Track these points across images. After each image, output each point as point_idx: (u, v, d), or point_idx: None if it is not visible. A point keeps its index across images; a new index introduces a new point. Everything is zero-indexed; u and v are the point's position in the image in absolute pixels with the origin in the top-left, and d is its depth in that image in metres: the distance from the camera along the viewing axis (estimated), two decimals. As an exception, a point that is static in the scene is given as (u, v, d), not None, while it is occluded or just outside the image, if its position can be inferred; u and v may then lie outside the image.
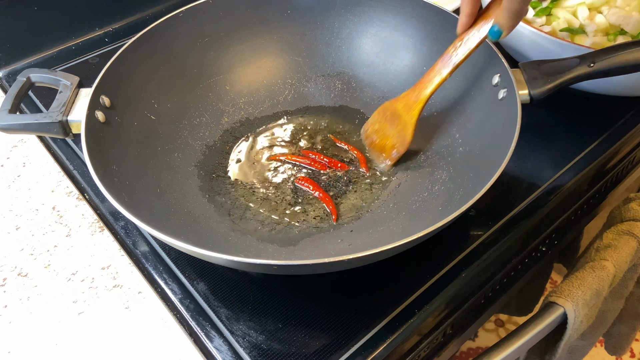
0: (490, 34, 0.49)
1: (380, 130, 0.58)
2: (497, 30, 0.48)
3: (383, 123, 0.58)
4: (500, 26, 0.48)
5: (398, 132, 0.57)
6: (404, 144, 0.57)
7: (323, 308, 0.48)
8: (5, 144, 0.65)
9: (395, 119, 0.57)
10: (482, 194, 0.43)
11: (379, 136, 0.58)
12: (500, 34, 0.48)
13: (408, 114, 0.56)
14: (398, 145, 0.57)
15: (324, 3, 0.67)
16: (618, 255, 0.63)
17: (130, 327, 0.48)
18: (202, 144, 0.62)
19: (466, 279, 0.50)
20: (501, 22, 0.47)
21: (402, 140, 0.57)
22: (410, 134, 0.56)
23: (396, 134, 0.57)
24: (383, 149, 0.58)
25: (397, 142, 0.57)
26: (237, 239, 0.53)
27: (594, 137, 0.63)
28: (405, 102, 0.56)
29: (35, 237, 0.55)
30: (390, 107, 0.58)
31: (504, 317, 1.29)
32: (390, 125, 0.57)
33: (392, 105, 0.58)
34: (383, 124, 0.58)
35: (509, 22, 0.47)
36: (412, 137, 0.56)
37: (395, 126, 0.57)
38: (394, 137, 0.57)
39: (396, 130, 0.57)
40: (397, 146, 0.57)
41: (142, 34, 0.58)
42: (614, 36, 0.66)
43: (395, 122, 0.57)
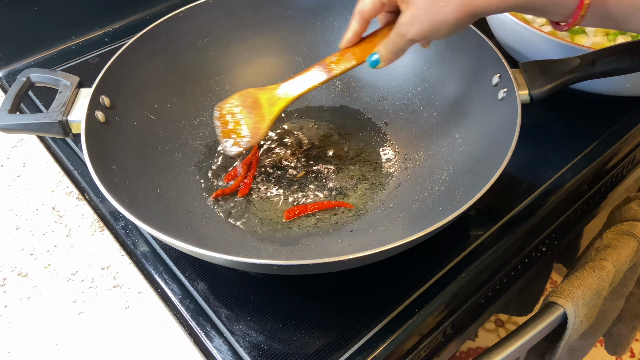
0: (369, 62, 0.50)
1: (236, 115, 0.56)
2: (375, 60, 0.49)
3: (241, 108, 0.55)
4: (380, 57, 0.49)
5: (254, 122, 0.54)
6: (256, 135, 0.54)
7: (323, 308, 0.48)
8: (5, 144, 0.65)
9: (255, 109, 0.55)
10: (482, 194, 0.43)
11: (234, 120, 0.55)
12: (377, 63, 0.49)
13: (269, 109, 0.54)
14: (251, 135, 0.55)
15: (324, 3, 0.67)
16: (618, 255, 0.63)
17: (130, 327, 0.48)
18: (202, 144, 0.62)
19: (466, 279, 0.50)
20: (382, 54, 0.49)
21: (256, 132, 0.54)
22: (266, 127, 0.54)
23: (252, 123, 0.55)
24: (235, 134, 0.55)
25: (251, 132, 0.55)
26: (237, 239, 0.53)
27: (594, 137, 0.63)
28: (270, 95, 0.54)
29: (35, 237, 0.55)
30: (252, 95, 0.55)
31: (504, 317, 1.29)
32: (248, 112, 0.55)
33: (255, 93, 0.55)
34: (241, 110, 0.55)
35: (389, 55, 0.48)
36: (267, 131, 0.54)
37: (253, 116, 0.55)
38: (249, 125, 0.55)
39: (252, 120, 0.55)
40: (250, 136, 0.55)
41: (142, 34, 0.58)
42: (614, 36, 0.66)
43: (254, 111, 0.55)
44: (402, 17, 0.45)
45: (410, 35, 0.45)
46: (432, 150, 0.59)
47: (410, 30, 0.45)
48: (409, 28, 0.45)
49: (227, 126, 0.56)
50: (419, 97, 0.64)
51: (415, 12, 0.44)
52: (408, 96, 0.64)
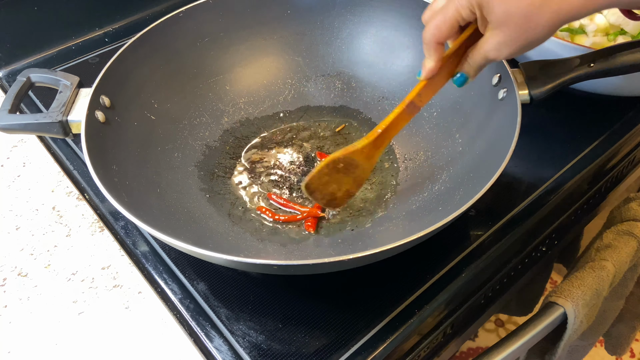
0: (457, 81, 0.47)
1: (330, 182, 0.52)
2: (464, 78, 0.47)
3: (334, 175, 0.51)
4: (467, 74, 0.47)
5: (354, 178, 0.52)
6: (359, 185, 0.53)
7: (323, 308, 0.48)
8: (5, 144, 0.65)
9: (352, 169, 0.51)
10: (482, 194, 0.43)
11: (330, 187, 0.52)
12: (465, 81, 0.47)
13: (368, 162, 0.51)
14: (353, 188, 0.53)
15: (324, 3, 0.67)
16: (618, 255, 0.63)
17: (130, 327, 0.48)
18: (202, 144, 0.62)
19: (466, 279, 0.50)
20: (469, 72, 0.47)
21: (359, 183, 0.53)
22: (368, 174, 0.52)
23: (351, 181, 0.52)
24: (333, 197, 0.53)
25: (352, 186, 0.52)
26: (237, 239, 0.53)
27: (594, 137, 0.63)
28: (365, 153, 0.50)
29: (35, 237, 0.55)
30: (343, 161, 0.50)
31: (504, 317, 1.29)
32: (344, 175, 0.51)
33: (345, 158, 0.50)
34: (335, 176, 0.51)
35: (476, 72, 0.46)
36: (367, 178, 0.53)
37: (351, 174, 0.52)
38: (349, 183, 0.52)
39: (352, 177, 0.52)
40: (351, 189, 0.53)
41: (142, 34, 0.58)
42: (614, 36, 0.66)
43: (351, 171, 0.51)
44: (488, 43, 0.42)
45: (500, 57, 0.43)
46: (432, 150, 0.59)
47: (500, 55, 0.43)
48: (498, 53, 0.43)
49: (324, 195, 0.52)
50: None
51: (503, 38, 0.41)
52: (408, 96, 0.64)
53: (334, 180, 0.52)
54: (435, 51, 0.45)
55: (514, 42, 0.41)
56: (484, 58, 0.44)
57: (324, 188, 0.52)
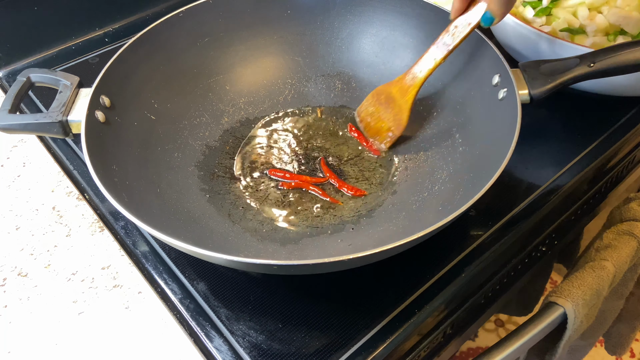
0: (483, 20, 0.49)
1: (375, 114, 0.58)
2: (489, 16, 0.49)
3: (377, 106, 0.58)
4: (492, 12, 0.48)
5: (393, 115, 0.57)
6: (399, 127, 0.57)
7: (323, 308, 0.48)
8: (5, 144, 0.65)
9: (390, 103, 0.57)
10: (482, 194, 0.43)
11: (374, 119, 0.59)
12: (492, 20, 0.49)
13: (403, 98, 0.56)
14: (394, 128, 0.58)
15: (324, 3, 0.67)
16: (618, 255, 0.63)
17: (130, 327, 0.48)
18: (202, 144, 0.62)
19: (466, 279, 0.50)
20: (493, 9, 0.48)
21: (398, 124, 0.57)
22: (405, 117, 0.57)
23: (391, 117, 0.57)
24: (379, 132, 0.59)
25: (393, 125, 0.58)
26: (237, 239, 0.53)
27: (594, 137, 0.63)
28: (399, 86, 0.57)
29: (35, 237, 0.55)
30: (384, 91, 0.58)
31: (504, 317, 1.29)
32: (385, 108, 0.57)
33: (386, 89, 0.58)
34: (377, 107, 0.58)
35: (501, 8, 0.48)
36: (407, 120, 0.57)
37: (391, 109, 0.57)
38: (390, 120, 0.58)
39: (391, 113, 0.57)
40: (393, 129, 0.58)
41: (142, 34, 0.58)
42: (614, 36, 0.66)
43: (390, 105, 0.57)
44: None
45: None
46: (432, 150, 0.59)
47: None
48: None
49: (370, 127, 0.59)
50: (419, 97, 0.63)
51: None
52: (408, 96, 0.64)
53: (377, 113, 0.58)
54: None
55: None
56: None
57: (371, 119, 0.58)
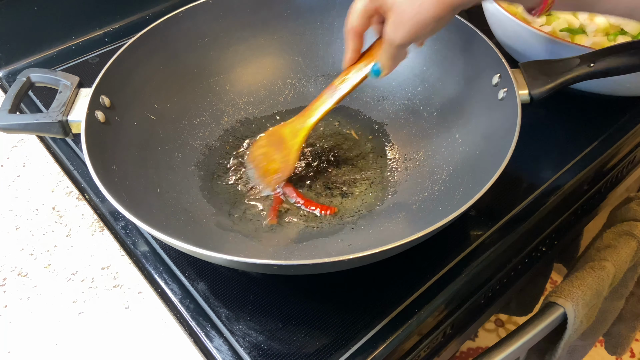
0: (373, 72, 0.51)
1: (266, 154, 0.58)
2: (377, 69, 0.50)
3: (269, 147, 0.58)
4: (381, 66, 0.50)
5: (282, 157, 0.56)
6: (287, 168, 0.56)
7: (323, 308, 0.48)
8: (5, 144, 0.65)
9: (280, 144, 0.57)
10: (482, 194, 0.43)
11: (264, 159, 0.58)
12: (380, 72, 0.50)
13: (293, 140, 0.56)
14: (282, 169, 0.57)
15: (324, 3, 0.67)
16: (618, 255, 0.63)
17: (130, 327, 0.48)
18: (202, 144, 0.62)
19: (466, 279, 0.50)
20: (382, 62, 0.49)
21: (286, 165, 0.56)
22: (293, 159, 0.56)
23: (280, 159, 0.57)
24: (267, 172, 0.58)
25: (281, 166, 0.57)
26: (237, 239, 0.53)
27: (594, 137, 0.63)
28: (291, 128, 0.56)
29: (35, 237, 0.55)
30: (277, 132, 0.58)
31: (504, 317, 1.29)
32: (276, 149, 0.57)
33: (279, 130, 0.57)
34: (269, 149, 0.58)
35: (387, 62, 0.49)
36: (295, 162, 0.56)
37: (281, 151, 0.57)
38: (279, 161, 0.57)
39: (281, 155, 0.56)
40: (281, 170, 0.57)
41: (142, 34, 0.58)
42: (614, 36, 0.66)
43: (280, 146, 0.57)
44: (387, 26, 0.45)
45: (397, 40, 0.45)
46: (432, 150, 0.59)
47: (397, 36, 0.45)
48: (395, 34, 0.45)
49: (260, 167, 0.58)
50: (419, 97, 0.64)
51: (396, 17, 0.44)
52: (408, 96, 0.64)
53: (269, 154, 0.58)
54: (351, 41, 0.50)
55: (404, 20, 0.43)
56: (387, 43, 0.47)
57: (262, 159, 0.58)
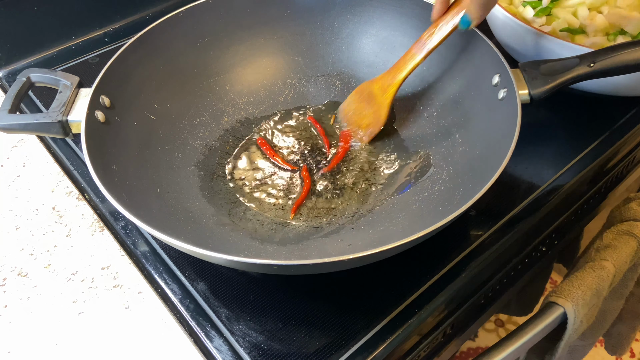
0: (462, 22, 0.51)
1: (357, 110, 0.61)
2: (467, 19, 0.51)
3: (359, 103, 0.60)
4: (470, 16, 0.50)
5: (373, 112, 0.59)
6: (378, 123, 0.59)
7: (323, 308, 0.48)
8: (5, 144, 0.65)
9: (371, 100, 0.59)
10: (482, 194, 0.43)
11: (356, 115, 0.61)
12: (469, 23, 0.51)
13: (383, 96, 0.58)
14: (373, 124, 0.60)
15: (324, 3, 0.67)
16: (618, 255, 0.63)
17: (130, 327, 0.48)
18: (202, 144, 0.62)
19: (466, 279, 0.50)
20: (471, 12, 0.50)
21: (377, 120, 0.59)
22: (384, 114, 0.59)
23: (371, 114, 0.59)
24: (359, 127, 0.61)
25: (372, 121, 0.60)
26: (237, 239, 0.53)
27: (594, 137, 0.63)
28: (381, 84, 0.59)
29: (35, 237, 0.55)
30: (367, 88, 0.60)
31: (504, 317, 1.29)
32: (366, 105, 0.60)
33: (368, 86, 0.60)
34: (359, 104, 0.60)
35: (478, 12, 0.49)
36: (386, 117, 0.59)
37: (371, 106, 0.59)
38: (370, 116, 0.60)
39: (372, 110, 0.59)
40: (372, 125, 0.60)
41: (142, 34, 0.58)
42: (614, 36, 0.66)
43: (371, 102, 0.59)
44: None
45: None
46: (432, 150, 0.59)
47: None
48: None
49: (352, 121, 0.61)
50: (419, 97, 0.64)
51: None
52: (408, 96, 0.64)
53: (359, 109, 0.60)
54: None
55: None
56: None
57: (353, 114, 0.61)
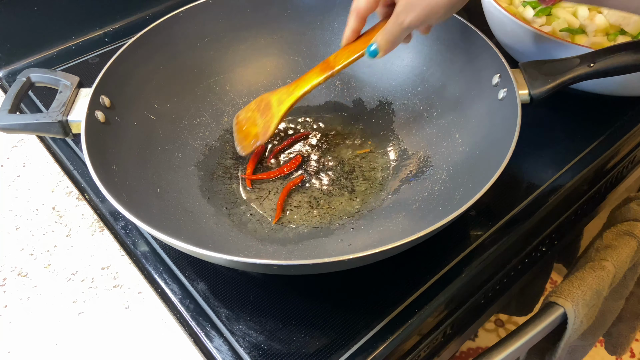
0: (368, 52, 0.51)
1: (251, 118, 0.59)
2: (374, 49, 0.51)
3: (255, 112, 0.59)
4: (378, 46, 0.50)
5: (264, 122, 0.58)
6: (265, 134, 0.57)
7: (323, 308, 0.48)
8: (5, 144, 0.65)
9: (266, 110, 0.58)
10: (482, 194, 0.43)
11: (248, 123, 0.59)
12: (376, 53, 0.51)
13: (277, 107, 0.57)
14: (261, 134, 0.58)
15: (324, 3, 0.67)
16: (618, 255, 0.63)
17: (130, 327, 0.48)
18: (202, 144, 0.62)
19: (466, 279, 0.50)
20: (380, 43, 0.50)
21: (265, 131, 0.57)
22: (274, 125, 0.57)
23: (262, 124, 0.58)
24: (247, 136, 0.59)
25: (261, 131, 0.58)
26: (237, 239, 0.53)
27: (594, 137, 0.63)
28: (279, 96, 0.57)
29: (35, 237, 0.55)
30: (266, 98, 0.59)
31: (504, 317, 1.29)
32: (261, 115, 0.58)
33: (268, 96, 0.59)
34: (254, 113, 0.59)
35: (387, 44, 0.50)
36: (274, 129, 0.57)
37: (264, 116, 0.58)
38: (260, 126, 0.58)
39: (263, 120, 0.58)
40: (260, 135, 0.58)
41: (142, 34, 0.58)
42: (614, 36, 0.66)
43: (266, 112, 0.58)
44: (398, 6, 0.46)
45: (407, 22, 0.46)
46: (432, 150, 0.59)
47: (407, 17, 0.46)
48: (406, 15, 0.46)
49: (241, 130, 0.59)
50: (419, 97, 0.64)
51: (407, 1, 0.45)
52: (408, 96, 0.64)
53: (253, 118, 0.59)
54: (353, 20, 0.51)
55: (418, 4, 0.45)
56: (394, 23, 0.47)
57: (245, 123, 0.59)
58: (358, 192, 0.58)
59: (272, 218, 0.55)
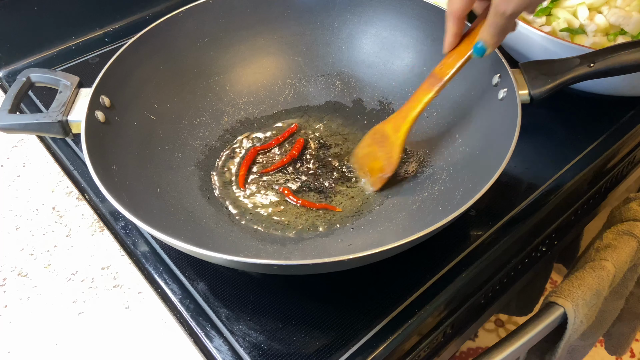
0: (475, 50, 0.49)
1: (370, 154, 0.58)
2: (481, 47, 0.48)
3: (372, 146, 0.57)
4: (485, 43, 0.48)
5: (386, 153, 0.56)
6: (390, 165, 0.56)
7: (323, 308, 0.48)
8: (5, 144, 0.65)
9: (384, 141, 0.56)
10: (482, 194, 0.43)
11: (369, 160, 0.58)
12: (484, 50, 0.48)
13: (395, 135, 0.55)
14: (385, 166, 0.56)
15: (324, 3, 0.67)
16: (618, 255, 0.63)
17: (130, 327, 0.48)
18: (202, 144, 0.62)
19: (466, 279, 0.50)
20: (486, 39, 0.48)
21: (389, 162, 0.56)
22: (397, 154, 0.55)
23: (384, 156, 0.56)
24: (372, 172, 0.57)
25: (385, 163, 0.56)
26: (237, 239, 0.53)
27: (594, 137, 0.63)
28: (393, 123, 0.56)
29: (35, 237, 0.55)
30: (379, 130, 0.57)
31: (504, 317, 1.29)
32: (379, 147, 0.56)
33: (381, 127, 0.57)
34: (372, 147, 0.57)
35: (493, 38, 0.47)
36: (399, 158, 0.56)
37: (384, 148, 0.56)
38: (382, 158, 0.56)
39: (384, 152, 0.56)
40: (385, 167, 0.56)
41: (142, 34, 0.58)
42: (614, 36, 0.66)
43: (384, 143, 0.56)
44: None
45: (510, 10, 0.44)
46: (432, 150, 0.59)
47: (509, 5, 0.43)
48: (507, 4, 0.43)
49: (363, 167, 0.58)
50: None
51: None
52: (408, 96, 0.64)
53: (372, 153, 0.57)
54: (452, 24, 0.49)
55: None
56: (495, 15, 0.45)
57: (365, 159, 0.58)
58: (358, 192, 0.58)
59: (271, 218, 0.55)
